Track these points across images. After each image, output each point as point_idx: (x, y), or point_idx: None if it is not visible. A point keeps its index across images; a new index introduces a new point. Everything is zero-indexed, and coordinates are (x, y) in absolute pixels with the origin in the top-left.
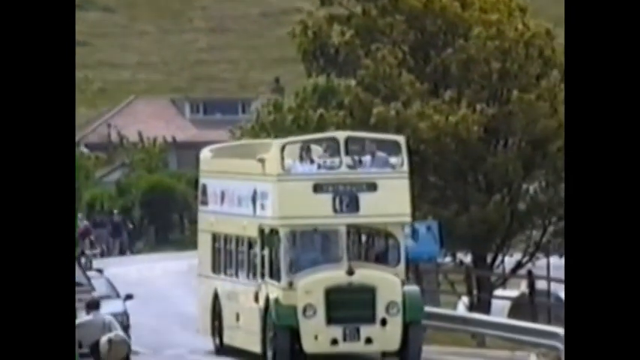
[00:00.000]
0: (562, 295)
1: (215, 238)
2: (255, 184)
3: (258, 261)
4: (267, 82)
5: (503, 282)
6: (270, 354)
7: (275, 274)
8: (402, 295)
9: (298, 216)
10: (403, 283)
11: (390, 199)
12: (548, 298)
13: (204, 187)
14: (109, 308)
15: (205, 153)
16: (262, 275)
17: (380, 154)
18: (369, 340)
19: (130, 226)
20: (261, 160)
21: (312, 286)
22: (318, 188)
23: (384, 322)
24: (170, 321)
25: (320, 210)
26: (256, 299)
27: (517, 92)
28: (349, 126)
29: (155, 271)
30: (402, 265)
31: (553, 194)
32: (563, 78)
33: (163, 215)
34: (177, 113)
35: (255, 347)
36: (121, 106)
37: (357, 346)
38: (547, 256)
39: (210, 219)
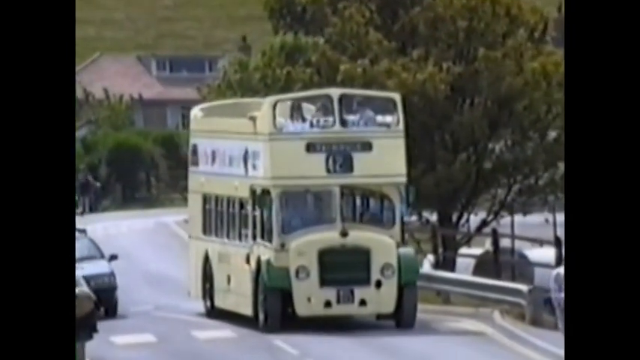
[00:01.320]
0: (526, 252)
1: (206, 199)
2: (247, 144)
3: (249, 222)
4: (234, 39)
5: (468, 240)
6: (261, 317)
7: (267, 236)
8: (397, 257)
9: (290, 176)
10: (398, 245)
11: (384, 159)
12: (512, 255)
13: (195, 147)
14: (94, 269)
15: (196, 112)
16: (254, 237)
17: (368, 112)
18: (363, 302)
19: (97, 184)
20: (252, 119)
21: (304, 247)
22: (310, 147)
23: (378, 284)
24: (136, 278)
25: (313, 170)
26: (248, 261)
27: (483, 50)
28: (316, 84)
29: (121, 229)
30: (397, 227)
31: (518, 153)
32: (529, 36)
33: (130, 173)
34: (143, 71)
35: (247, 310)
36: (86, 62)
37: (351, 309)
38: (511, 214)
39: (201, 179)
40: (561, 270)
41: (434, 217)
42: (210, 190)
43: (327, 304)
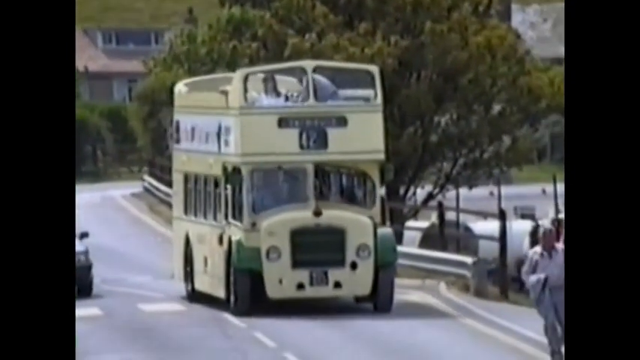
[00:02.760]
0: (470, 225)
1: (187, 178)
2: (220, 119)
3: (222, 201)
4: (180, 12)
5: (415, 213)
6: (232, 299)
7: (238, 215)
8: (373, 237)
9: (261, 153)
10: (376, 226)
11: (361, 135)
12: (457, 228)
13: (177, 124)
14: None
15: (180, 87)
16: (226, 216)
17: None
18: (337, 285)
19: None
20: (224, 93)
21: (276, 227)
22: (283, 122)
23: (354, 266)
24: None
25: (285, 146)
26: (220, 242)
27: (429, 24)
28: (263, 58)
29: None
30: (377, 207)
31: (464, 126)
32: (474, 10)
33: (76, 146)
34: (89, 43)
35: (220, 292)
36: None
37: (325, 291)
38: (457, 187)
39: (183, 158)
40: (531, 251)
41: (381, 191)
42: (190, 168)
43: (300, 286)
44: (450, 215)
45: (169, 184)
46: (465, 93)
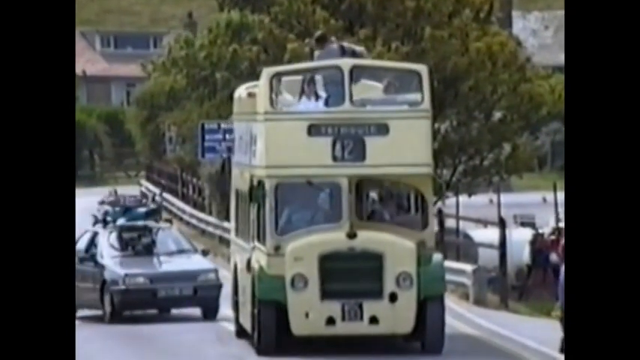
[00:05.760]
0: (470, 233)
1: (237, 195)
2: (252, 126)
3: (250, 221)
4: (179, 16)
5: None
6: (255, 335)
7: (262, 238)
8: (416, 264)
9: (288, 165)
10: (428, 251)
11: (405, 145)
12: (457, 236)
13: (233, 133)
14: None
15: (240, 91)
16: (252, 238)
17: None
18: (374, 320)
19: None
20: (252, 95)
21: (302, 251)
22: (313, 130)
23: (393, 298)
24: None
25: (316, 157)
26: (248, 267)
27: (430, 30)
28: (263, 62)
29: None
30: (430, 229)
31: (464, 133)
32: (475, 17)
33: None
34: (87, 46)
35: (249, 326)
36: None
37: (360, 327)
38: (456, 195)
39: (235, 172)
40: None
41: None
42: (237, 184)
43: (330, 320)
44: (450, 223)
45: (166, 189)
46: (465, 99)
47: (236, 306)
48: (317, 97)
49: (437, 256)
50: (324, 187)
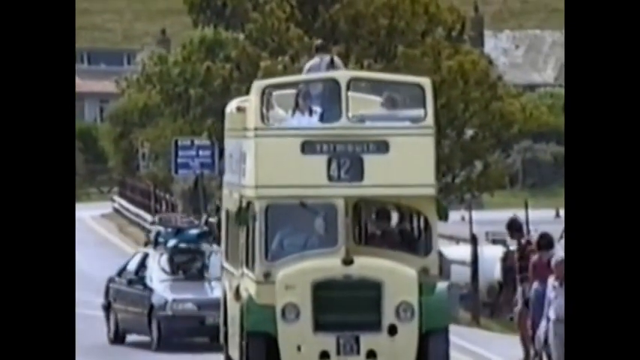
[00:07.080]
0: (442, 249)
1: (227, 216)
2: (241, 143)
3: (239, 246)
4: (153, 33)
5: None
6: None
7: (251, 264)
8: (418, 294)
9: (279, 185)
10: (422, 277)
11: (406, 164)
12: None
13: (222, 152)
14: None
15: (231, 106)
16: (241, 264)
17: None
18: (371, 354)
19: None
20: (242, 110)
21: (295, 278)
22: (307, 147)
23: (392, 330)
24: None
25: (309, 177)
26: (237, 296)
27: (402, 48)
28: (236, 80)
29: None
30: (434, 255)
31: (436, 151)
32: (447, 35)
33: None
34: None
35: (237, 358)
36: None
37: None
38: None
39: (225, 192)
40: (548, 287)
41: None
42: (227, 204)
43: (324, 355)
44: None
45: (139, 205)
46: (437, 117)
47: (225, 337)
48: (311, 111)
49: (441, 285)
50: (319, 208)
